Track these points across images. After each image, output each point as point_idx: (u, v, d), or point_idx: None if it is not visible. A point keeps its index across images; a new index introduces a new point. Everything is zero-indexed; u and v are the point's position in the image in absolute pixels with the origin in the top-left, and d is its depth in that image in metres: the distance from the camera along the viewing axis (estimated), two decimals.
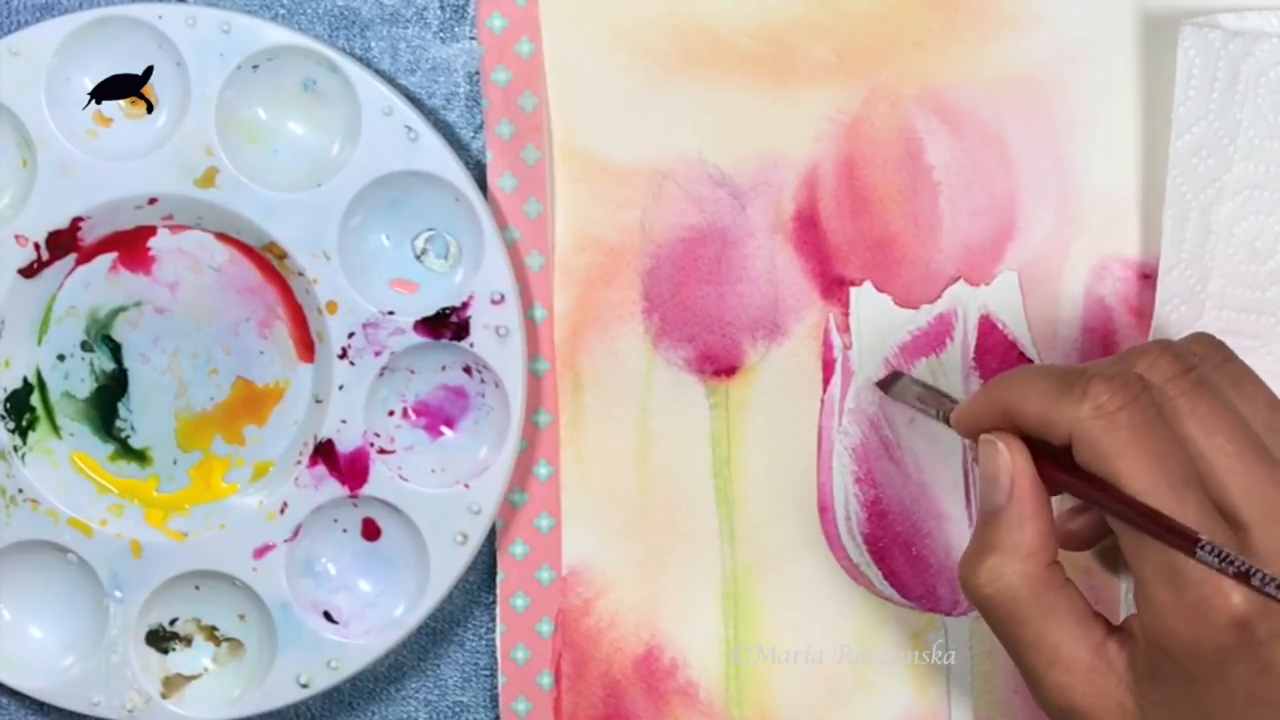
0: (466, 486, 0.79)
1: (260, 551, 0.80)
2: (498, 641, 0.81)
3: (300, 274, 0.79)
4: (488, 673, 0.83)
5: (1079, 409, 0.67)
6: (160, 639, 0.81)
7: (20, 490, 0.80)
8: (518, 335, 0.78)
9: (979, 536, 0.69)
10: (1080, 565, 0.80)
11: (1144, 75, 0.79)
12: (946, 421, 0.73)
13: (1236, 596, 0.65)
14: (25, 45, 0.78)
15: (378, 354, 0.79)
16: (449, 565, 0.79)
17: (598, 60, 0.80)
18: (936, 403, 0.75)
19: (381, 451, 0.80)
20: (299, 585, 0.80)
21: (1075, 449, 0.67)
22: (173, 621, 0.81)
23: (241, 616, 0.81)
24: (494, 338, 0.79)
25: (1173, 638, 0.66)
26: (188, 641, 0.81)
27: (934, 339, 0.80)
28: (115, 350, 0.81)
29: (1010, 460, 0.69)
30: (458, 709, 0.83)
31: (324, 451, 0.79)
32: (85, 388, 0.81)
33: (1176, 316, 0.77)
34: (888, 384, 0.77)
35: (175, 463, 0.81)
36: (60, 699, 0.80)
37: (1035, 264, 0.80)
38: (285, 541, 0.80)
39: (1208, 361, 0.70)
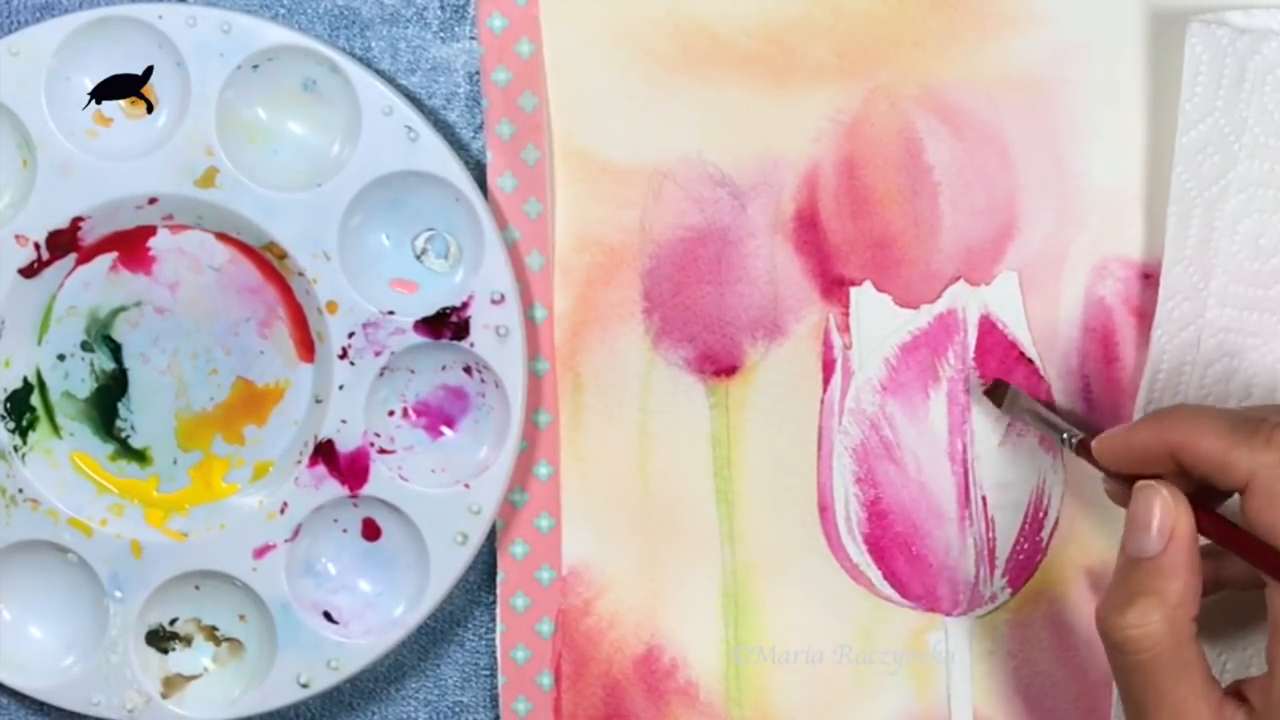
0: (466, 486, 0.79)
1: (260, 551, 0.80)
2: (498, 641, 0.81)
3: (300, 274, 0.79)
4: (488, 673, 0.83)
5: (1263, 455, 0.68)
6: (160, 639, 0.81)
7: (20, 490, 0.80)
8: (518, 335, 0.78)
9: (1126, 580, 0.70)
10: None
11: (1147, 74, 0.79)
12: (1073, 448, 0.75)
13: None
14: (25, 45, 0.78)
15: (378, 354, 0.79)
16: (449, 565, 0.79)
17: (598, 60, 0.80)
18: (1054, 427, 0.77)
19: (381, 451, 0.80)
20: (299, 585, 0.80)
21: (1250, 494, 0.68)
22: (173, 621, 0.81)
23: (241, 616, 0.81)
24: (494, 338, 0.79)
25: None
26: (188, 641, 0.81)
27: (934, 339, 0.80)
28: (115, 350, 0.81)
29: (1173, 509, 0.69)
30: (458, 709, 0.83)
31: (324, 451, 0.79)
32: (85, 388, 0.81)
33: (1179, 313, 0.77)
34: (997, 394, 0.78)
35: (175, 463, 0.81)
36: (60, 699, 0.80)
37: (1035, 264, 0.80)
38: (285, 541, 0.80)
39: None
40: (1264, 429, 0.68)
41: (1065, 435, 0.77)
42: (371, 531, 0.80)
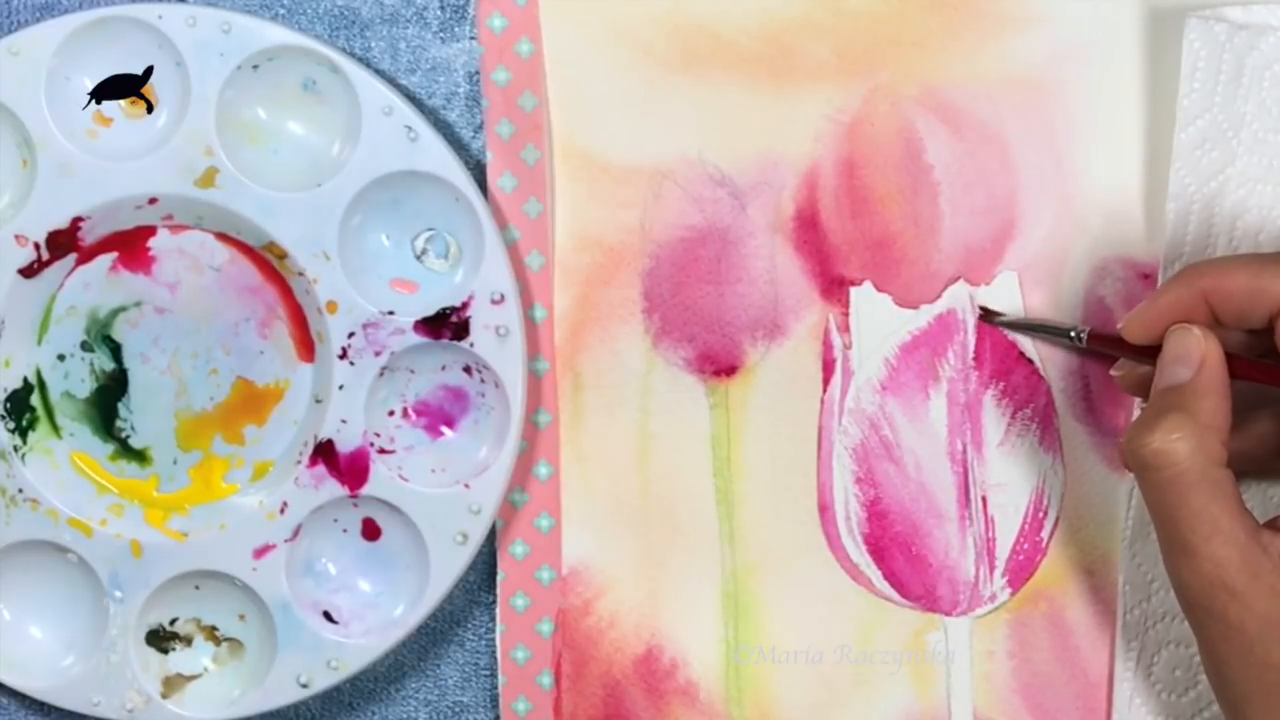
0: (466, 486, 0.79)
1: (260, 551, 0.80)
2: (498, 641, 0.81)
3: (300, 274, 0.79)
4: (488, 673, 0.83)
5: None
6: (160, 639, 0.81)
7: (20, 490, 0.80)
8: (518, 335, 0.78)
9: (1156, 404, 0.70)
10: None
11: (1146, 73, 0.79)
12: (1084, 341, 0.75)
13: None
14: (25, 45, 0.78)
15: (378, 354, 0.79)
16: (449, 565, 0.79)
17: (598, 60, 0.80)
18: (1056, 329, 0.78)
19: (381, 451, 0.80)
20: (299, 585, 0.80)
21: None
22: (173, 621, 0.81)
23: (241, 616, 0.81)
24: (494, 338, 0.79)
25: None
26: (188, 641, 0.81)
27: (934, 339, 0.80)
28: (115, 350, 0.81)
29: (1203, 341, 0.70)
30: (458, 709, 0.83)
31: (324, 451, 0.79)
32: (85, 388, 0.81)
33: None
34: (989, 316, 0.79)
35: (175, 463, 0.81)
36: (60, 699, 0.80)
37: (1035, 264, 0.80)
38: (285, 541, 0.80)
39: None
40: None
41: (1073, 332, 0.76)
42: (371, 531, 0.80)
